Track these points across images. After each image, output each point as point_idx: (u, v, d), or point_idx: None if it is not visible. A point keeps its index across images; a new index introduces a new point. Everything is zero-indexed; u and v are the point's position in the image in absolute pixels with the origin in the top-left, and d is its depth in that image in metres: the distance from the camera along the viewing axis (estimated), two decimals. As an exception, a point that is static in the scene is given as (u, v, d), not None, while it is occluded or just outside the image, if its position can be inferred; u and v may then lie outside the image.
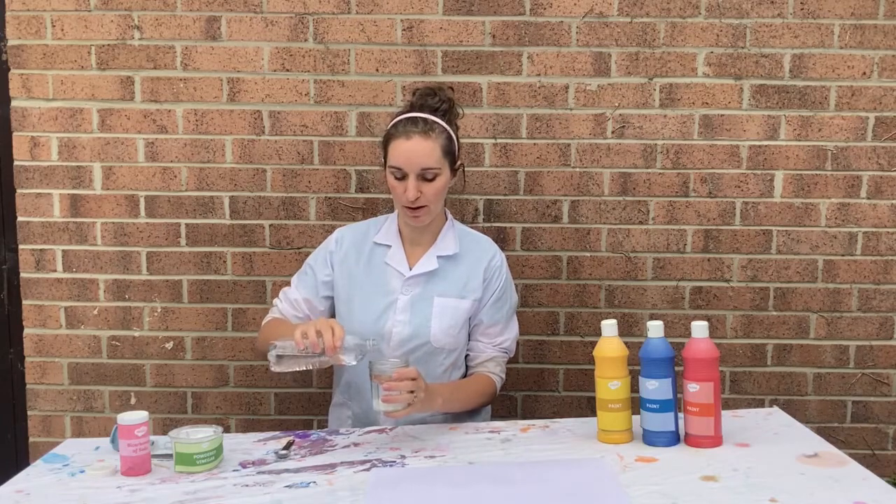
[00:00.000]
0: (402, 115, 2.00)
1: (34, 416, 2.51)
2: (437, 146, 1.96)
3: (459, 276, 2.05)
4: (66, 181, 2.44)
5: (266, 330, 2.07)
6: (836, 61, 2.40)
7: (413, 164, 1.94)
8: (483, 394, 2.05)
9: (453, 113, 2.05)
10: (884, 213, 2.44)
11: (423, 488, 1.56)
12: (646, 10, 2.38)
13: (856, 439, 2.50)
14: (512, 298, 2.12)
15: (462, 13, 2.39)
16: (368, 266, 2.07)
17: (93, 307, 2.48)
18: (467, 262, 2.06)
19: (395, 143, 1.96)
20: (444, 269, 2.05)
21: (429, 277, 2.04)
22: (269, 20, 2.39)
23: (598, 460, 1.67)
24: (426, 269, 2.04)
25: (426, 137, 1.95)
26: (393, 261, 2.05)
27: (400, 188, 1.96)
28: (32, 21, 2.40)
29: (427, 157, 1.94)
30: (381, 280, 2.05)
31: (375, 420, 2.03)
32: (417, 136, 1.94)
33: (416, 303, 2.02)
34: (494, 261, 2.09)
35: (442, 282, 2.04)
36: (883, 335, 2.47)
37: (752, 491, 1.49)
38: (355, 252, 2.09)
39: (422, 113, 1.98)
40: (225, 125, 2.43)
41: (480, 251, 2.09)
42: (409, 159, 1.94)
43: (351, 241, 2.11)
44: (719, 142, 2.43)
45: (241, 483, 1.62)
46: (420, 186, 1.95)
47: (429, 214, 2.01)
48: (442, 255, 2.05)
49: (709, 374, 1.71)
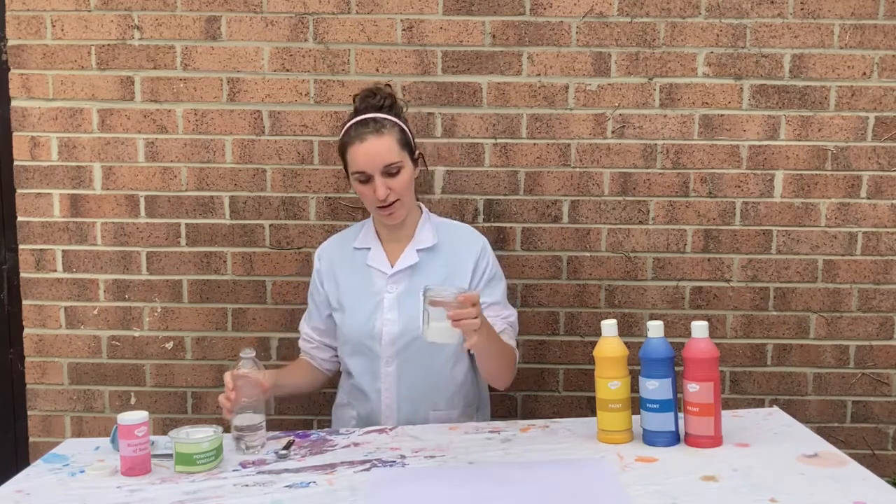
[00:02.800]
0: (350, 121, 2.02)
1: (34, 416, 2.51)
2: (393, 140, 1.98)
3: (441, 266, 2.06)
4: (66, 181, 2.45)
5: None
6: (836, 61, 2.40)
7: (375, 163, 1.95)
8: (510, 356, 2.01)
9: (397, 107, 2.07)
10: (884, 213, 2.44)
11: (423, 488, 1.56)
12: (646, 10, 2.38)
13: (856, 439, 2.50)
14: (503, 280, 2.12)
15: (462, 13, 2.39)
16: (352, 271, 2.09)
17: (93, 307, 2.48)
18: (447, 252, 2.08)
19: (351, 149, 1.98)
20: (426, 262, 2.06)
21: (412, 272, 2.05)
22: (269, 20, 2.39)
23: (598, 460, 1.67)
24: (407, 263, 2.05)
25: (380, 135, 1.97)
26: (374, 261, 2.07)
27: (368, 191, 1.98)
28: (32, 21, 2.40)
29: (386, 153, 1.96)
30: (366, 282, 2.06)
31: (379, 421, 2.04)
32: (371, 136, 1.96)
33: (403, 299, 2.02)
34: (477, 246, 2.09)
35: (425, 275, 2.04)
36: (883, 335, 2.47)
37: (752, 491, 1.49)
38: (338, 261, 2.11)
39: (368, 114, 2.00)
40: (225, 125, 2.43)
41: (459, 240, 2.10)
42: (369, 160, 1.95)
43: (331, 253, 2.14)
44: (719, 142, 2.43)
45: (241, 483, 1.62)
46: (387, 183, 1.96)
47: (403, 208, 2.02)
48: (421, 249, 2.07)
49: (709, 374, 1.71)
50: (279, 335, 2.48)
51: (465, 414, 2.10)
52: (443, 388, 2.06)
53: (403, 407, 2.04)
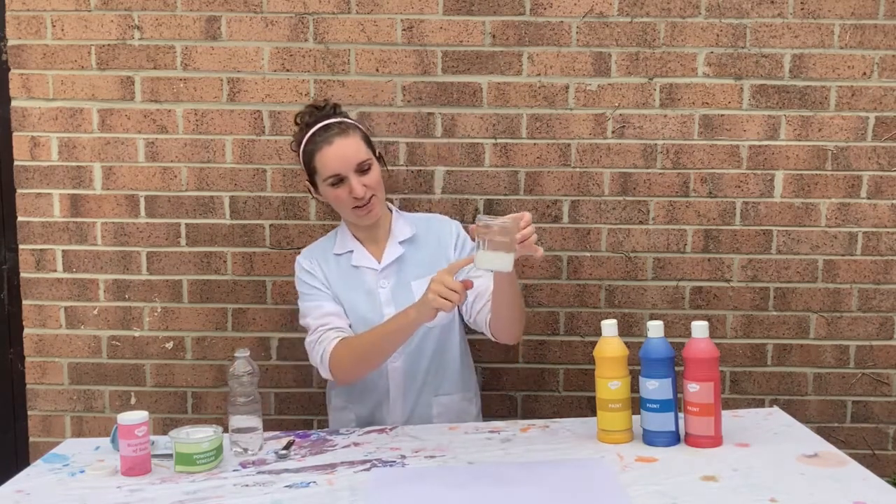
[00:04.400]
0: (310, 131, 2.01)
1: (34, 416, 2.51)
2: (359, 138, 2.01)
3: (425, 254, 2.08)
4: (66, 181, 2.44)
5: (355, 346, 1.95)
6: (836, 61, 2.40)
7: (348, 162, 1.96)
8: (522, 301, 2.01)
9: (343, 113, 2.11)
10: (884, 213, 2.44)
11: (423, 488, 1.56)
12: (646, 10, 2.38)
13: (856, 439, 2.50)
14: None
15: (462, 13, 2.39)
16: (340, 275, 2.08)
17: (93, 307, 2.48)
18: (428, 241, 2.11)
19: (319, 154, 1.98)
20: (409, 254, 2.08)
21: (399, 266, 2.07)
22: (269, 20, 2.39)
23: (598, 460, 1.67)
24: (394, 256, 2.07)
25: (346, 136, 1.99)
26: (361, 261, 2.08)
27: (343, 193, 1.99)
28: (32, 21, 2.40)
29: (356, 151, 1.98)
30: (357, 283, 2.07)
31: (383, 422, 2.04)
32: (338, 138, 1.98)
33: (397, 294, 2.04)
34: (454, 229, 2.13)
35: (412, 266, 2.07)
36: (883, 335, 2.47)
37: (752, 491, 1.49)
38: (325, 266, 2.10)
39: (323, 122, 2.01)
40: (225, 125, 2.43)
41: (436, 228, 2.14)
42: (341, 161, 1.96)
43: (317, 257, 2.11)
44: (719, 142, 2.43)
45: (241, 483, 1.62)
46: (362, 180, 1.97)
47: (379, 203, 2.04)
48: (403, 241, 2.09)
49: (709, 374, 1.71)
50: (279, 335, 2.48)
51: (465, 398, 2.13)
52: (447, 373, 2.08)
53: (409, 398, 2.06)
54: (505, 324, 1.97)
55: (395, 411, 2.06)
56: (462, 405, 2.12)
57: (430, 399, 2.07)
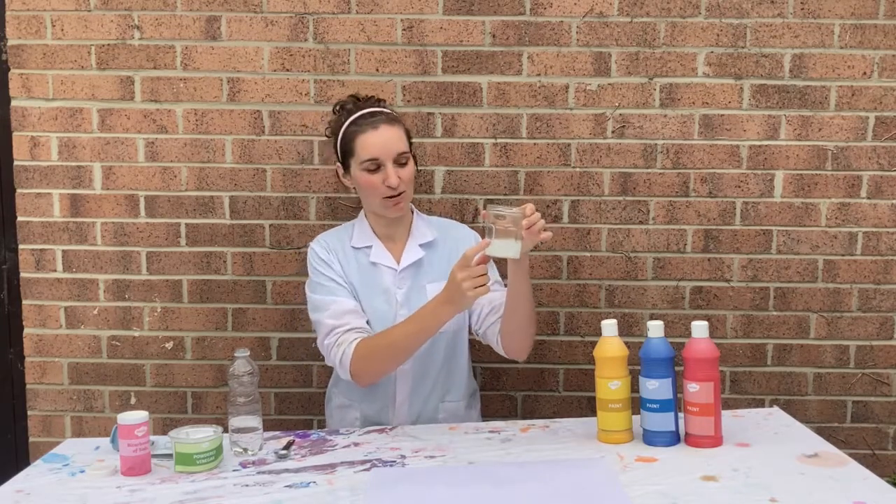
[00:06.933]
0: (354, 115, 2.00)
1: (34, 416, 2.51)
2: (403, 131, 2.00)
3: (442, 259, 2.06)
4: (66, 181, 2.44)
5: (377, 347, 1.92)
6: (836, 61, 2.40)
7: (389, 150, 1.95)
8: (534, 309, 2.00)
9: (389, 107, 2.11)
10: (884, 213, 2.44)
11: (423, 488, 1.56)
12: (646, 10, 2.38)
13: (856, 439, 2.50)
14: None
15: (462, 13, 2.39)
16: (359, 270, 2.06)
17: (93, 307, 2.48)
18: (446, 246, 2.09)
19: (363, 136, 1.96)
20: (428, 257, 2.07)
21: (416, 269, 2.06)
22: (269, 20, 2.39)
23: (598, 460, 1.67)
24: (413, 258, 2.06)
25: (392, 124, 1.98)
26: (380, 259, 2.06)
27: (378, 179, 1.96)
28: (32, 21, 2.40)
29: (399, 141, 1.97)
30: (376, 280, 2.05)
31: (388, 421, 2.03)
32: (385, 125, 1.97)
33: (412, 296, 2.03)
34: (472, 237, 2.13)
35: (428, 269, 2.06)
36: (883, 335, 2.47)
37: (752, 491, 1.49)
38: (342, 256, 2.06)
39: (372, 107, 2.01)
40: (225, 125, 2.43)
41: (455, 234, 2.13)
42: (383, 147, 1.95)
43: (333, 245, 2.08)
44: (719, 142, 2.43)
45: (241, 483, 1.62)
46: (398, 173, 1.96)
47: (407, 200, 2.03)
48: (423, 243, 2.08)
49: (709, 374, 1.71)
50: (279, 335, 2.48)
51: (470, 405, 2.13)
52: (455, 379, 2.08)
53: (416, 402, 2.05)
54: (517, 336, 1.97)
55: (400, 414, 2.05)
56: (468, 413, 2.11)
57: (437, 404, 2.06)
